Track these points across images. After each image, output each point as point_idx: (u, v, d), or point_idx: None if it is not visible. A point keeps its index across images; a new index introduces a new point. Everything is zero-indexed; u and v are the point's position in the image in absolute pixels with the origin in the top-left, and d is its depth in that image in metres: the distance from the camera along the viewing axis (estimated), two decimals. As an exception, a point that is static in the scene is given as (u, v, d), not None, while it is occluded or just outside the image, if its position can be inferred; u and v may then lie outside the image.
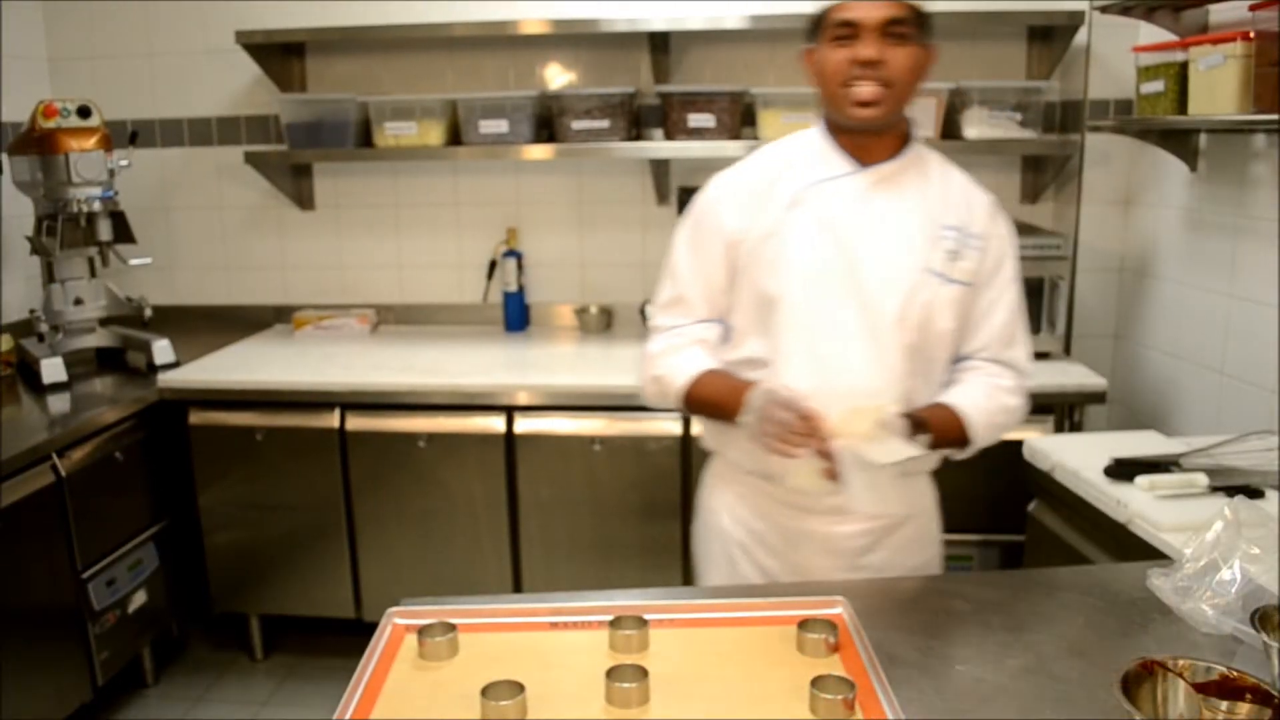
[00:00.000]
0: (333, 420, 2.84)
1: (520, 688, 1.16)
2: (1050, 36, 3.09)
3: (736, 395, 1.51)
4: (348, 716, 1.17)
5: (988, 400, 1.61)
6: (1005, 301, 1.65)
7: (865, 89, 1.50)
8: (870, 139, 1.58)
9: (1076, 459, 2.14)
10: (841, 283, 1.56)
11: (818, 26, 1.56)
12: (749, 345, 1.64)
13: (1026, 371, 1.69)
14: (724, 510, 1.75)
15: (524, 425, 2.79)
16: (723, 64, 3.24)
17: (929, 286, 1.57)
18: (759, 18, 2.94)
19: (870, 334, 1.56)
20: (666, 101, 3.05)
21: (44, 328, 2.94)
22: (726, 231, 1.63)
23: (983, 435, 1.60)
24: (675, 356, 1.66)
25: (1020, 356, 1.68)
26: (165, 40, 3.43)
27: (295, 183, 3.47)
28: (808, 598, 1.41)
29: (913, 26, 1.52)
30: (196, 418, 2.89)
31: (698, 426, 1.79)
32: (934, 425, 1.52)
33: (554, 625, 1.37)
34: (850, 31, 1.50)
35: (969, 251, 1.60)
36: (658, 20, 3.03)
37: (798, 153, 1.65)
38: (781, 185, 1.61)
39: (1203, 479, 1.92)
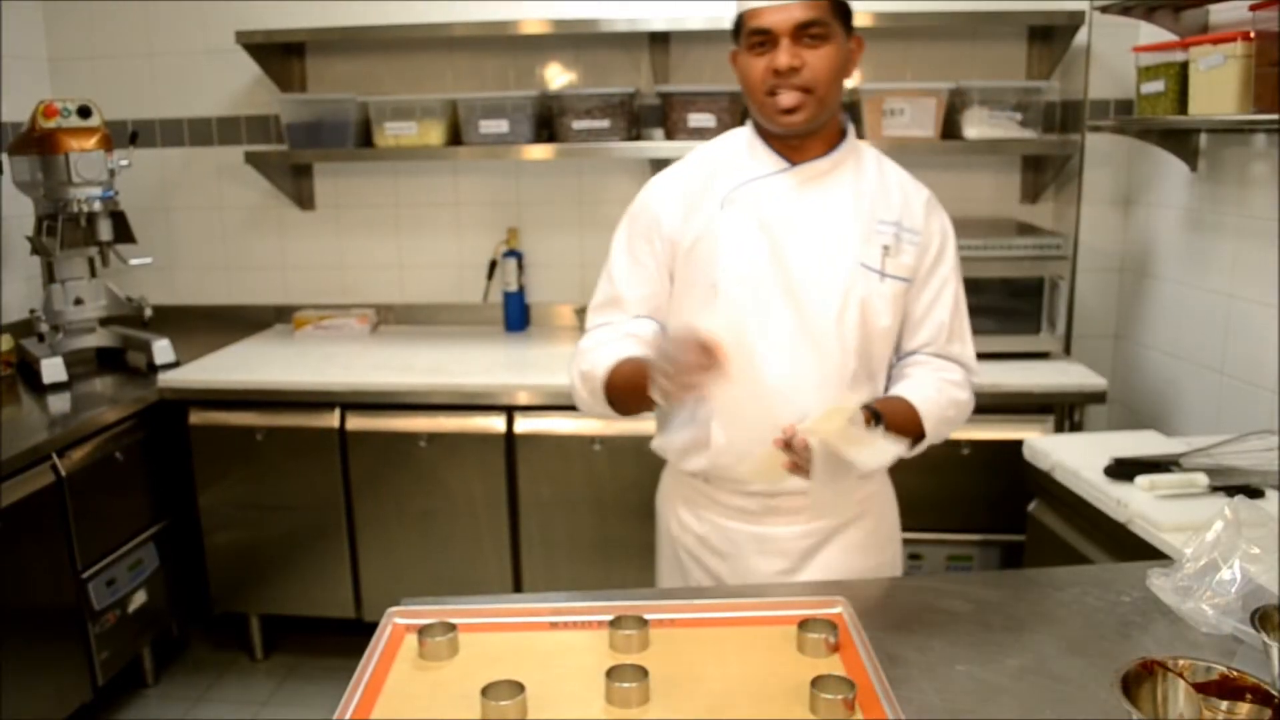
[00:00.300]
0: (333, 420, 2.84)
1: (520, 688, 1.16)
2: (1050, 36, 3.09)
3: (646, 374, 1.41)
4: (348, 716, 1.17)
5: (938, 394, 1.59)
6: (946, 297, 1.63)
7: (786, 97, 1.48)
8: (801, 138, 1.56)
9: (1076, 459, 2.14)
10: (775, 282, 1.54)
11: (738, 30, 1.54)
12: None
13: (973, 368, 1.67)
14: (672, 515, 1.74)
15: (524, 425, 2.79)
16: (723, 64, 3.19)
17: (865, 282, 1.55)
18: (759, 18, 2.94)
19: (808, 334, 1.54)
20: (666, 101, 3.05)
21: (44, 328, 2.94)
22: (664, 233, 1.61)
23: (934, 430, 1.57)
24: (603, 349, 1.59)
25: (966, 352, 1.66)
26: (165, 40, 3.43)
27: (295, 183, 3.47)
28: (808, 598, 1.41)
29: (829, 25, 1.48)
30: (196, 418, 2.89)
31: (657, 427, 1.74)
32: (889, 418, 1.49)
33: (554, 625, 1.37)
34: (765, 38, 1.48)
35: (906, 246, 1.58)
36: (658, 20, 3.03)
37: (730, 152, 1.64)
38: (714, 186, 1.60)
39: (1203, 479, 1.92)
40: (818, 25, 1.46)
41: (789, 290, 1.54)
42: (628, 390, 1.52)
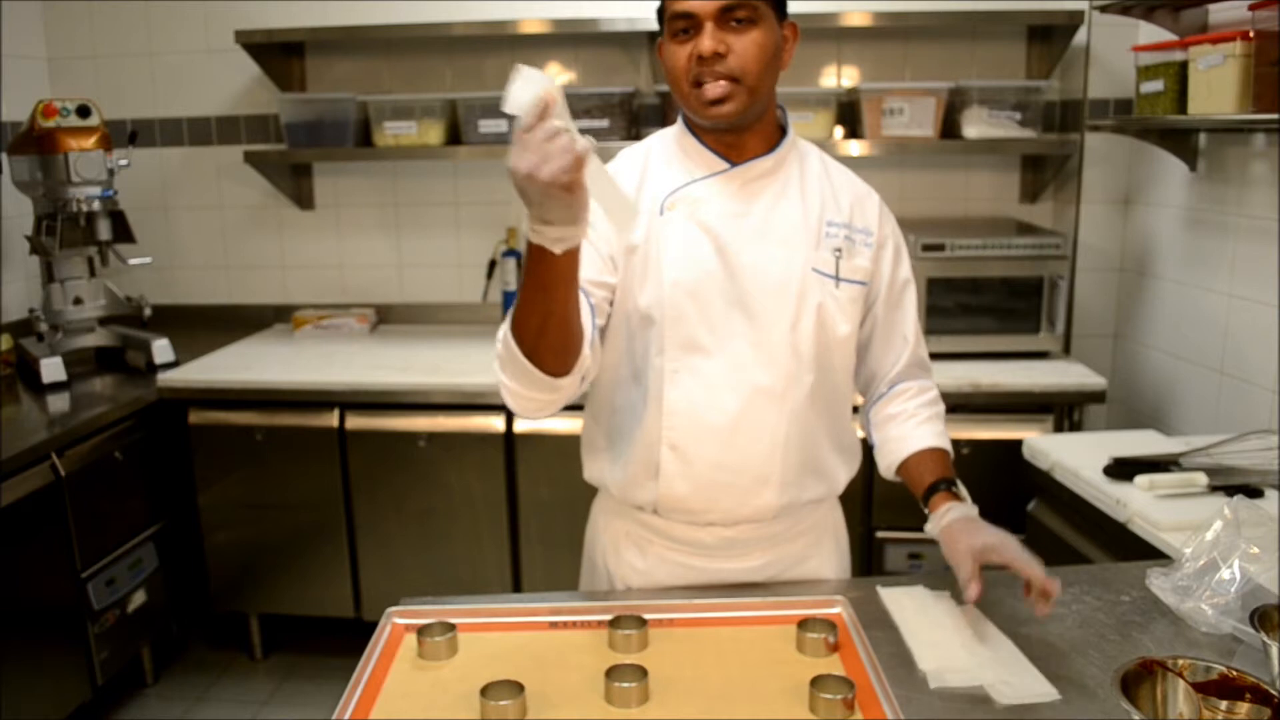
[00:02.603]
0: (332, 420, 2.84)
1: (520, 687, 1.16)
2: (1050, 36, 3.09)
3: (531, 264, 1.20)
4: (347, 716, 1.17)
5: (939, 421, 1.58)
6: (908, 305, 1.58)
7: (712, 88, 1.38)
8: (738, 135, 1.46)
9: (1076, 458, 2.14)
10: (725, 293, 1.44)
11: (662, 17, 1.43)
12: (625, 364, 1.50)
13: (930, 367, 1.64)
14: (610, 551, 1.62)
15: (524, 424, 2.78)
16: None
17: (820, 289, 1.46)
18: (758, 17, 2.94)
19: (761, 346, 1.44)
20: (666, 101, 3.05)
21: (43, 327, 2.94)
22: (596, 240, 1.44)
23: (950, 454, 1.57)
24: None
25: (925, 354, 1.61)
26: (165, 40, 3.43)
27: (295, 182, 3.47)
28: (808, 597, 1.41)
29: (757, 7, 1.37)
30: (196, 417, 2.89)
31: (588, 456, 1.63)
32: (950, 473, 1.50)
33: (553, 625, 1.37)
34: (689, 24, 1.37)
35: (859, 248, 1.49)
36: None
37: (663, 153, 1.52)
38: (649, 190, 1.48)
39: (1202, 478, 1.92)
40: (744, 8, 1.36)
41: (740, 301, 1.44)
42: (527, 305, 1.25)
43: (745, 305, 1.44)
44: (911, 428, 1.55)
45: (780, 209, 1.47)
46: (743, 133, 1.46)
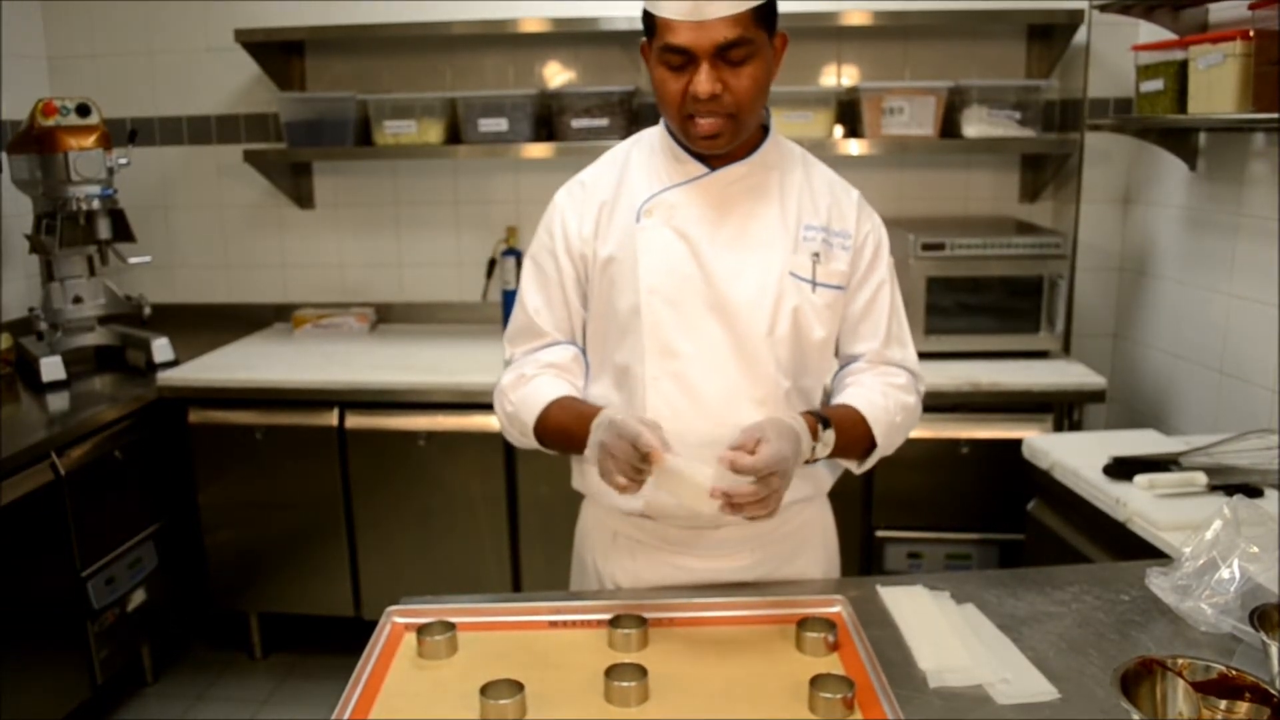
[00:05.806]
0: (332, 419, 2.84)
1: (519, 686, 1.16)
2: (1050, 35, 3.09)
3: (584, 425, 1.38)
4: (347, 715, 1.17)
5: (885, 399, 1.48)
6: (883, 301, 1.53)
7: (706, 123, 1.37)
8: None
9: (1075, 458, 2.14)
10: (701, 297, 1.44)
11: (649, 25, 1.41)
12: (606, 373, 1.52)
13: (918, 372, 1.57)
14: (600, 550, 1.61)
15: (523, 424, 2.78)
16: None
17: (796, 293, 1.45)
18: (758, 16, 2.94)
19: (739, 350, 1.44)
20: (666, 100, 3.04)
21: (43, 326, 2.94)
22: (574, 247, 1.50)
23: (885, 437, 1.47)
24: (525, 388, 1.50)
25: (908, 357, 1.56)
26: (165, 38, 3.43)
27: (295, 181, 3.47)
28: (807, 596, 1.41)
29: (754, 40, 1.34)
30: (196, 416, 2.89)
31: (576, 464, 1.63)
32: (837, 425, 1.41)
33: (553, 624, 1.37)
34: (682, 60, 1.35)
35: (837, 252, 1.48)
36: (657, 19, 3.03)
37: (644, 157, 1.52)
38: (628, 194, 1.49)
39: (1202, 478, 1.92)
40: (741, 45, 1.33)
41: (717, 305, 1.44)
42: (563, 442, 1.48)
43: (723, 310, 1.45)
44: (851, 388, 1.53)
45: (758, 213, 1.47)
46: None
